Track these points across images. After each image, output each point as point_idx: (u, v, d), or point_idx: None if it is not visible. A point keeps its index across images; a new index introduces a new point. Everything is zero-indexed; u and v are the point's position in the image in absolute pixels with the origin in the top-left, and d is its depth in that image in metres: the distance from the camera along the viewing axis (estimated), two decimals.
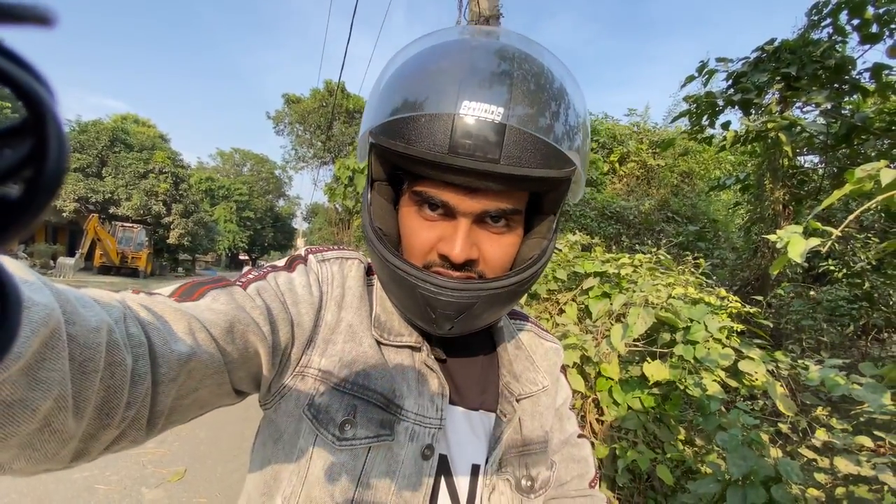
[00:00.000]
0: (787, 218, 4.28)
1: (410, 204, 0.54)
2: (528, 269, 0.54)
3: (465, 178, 0.47)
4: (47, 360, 0.29)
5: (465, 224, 0.50)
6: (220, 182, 42.02)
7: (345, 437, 0.52)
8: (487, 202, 0.50)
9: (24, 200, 0.14)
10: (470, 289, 0.51)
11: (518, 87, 0.46)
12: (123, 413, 0.37)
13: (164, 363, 0.39)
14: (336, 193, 7.31)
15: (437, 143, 0.45)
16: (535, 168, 0.46)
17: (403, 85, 0.50)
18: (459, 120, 0.45)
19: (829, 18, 3.59)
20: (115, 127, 24.73)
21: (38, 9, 0.13)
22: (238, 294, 0.50)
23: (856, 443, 1.54)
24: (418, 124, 0.46)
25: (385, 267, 0.54)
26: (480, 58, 0.49)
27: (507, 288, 0.53)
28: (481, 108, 0.44)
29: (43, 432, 0.31)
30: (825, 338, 3.92)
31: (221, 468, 3.13)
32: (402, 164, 0.51)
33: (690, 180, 9.70)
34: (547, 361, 0.72)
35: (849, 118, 3.41)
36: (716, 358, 1.69)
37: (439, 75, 0.48)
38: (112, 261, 21.12)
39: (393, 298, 0.59)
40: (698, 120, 4.25)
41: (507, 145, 0.45)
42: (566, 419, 0.75)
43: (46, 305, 0.29)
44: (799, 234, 1.03)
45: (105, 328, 0.34)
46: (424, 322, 0.55)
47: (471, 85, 0.45)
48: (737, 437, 1.36)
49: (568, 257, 2.50)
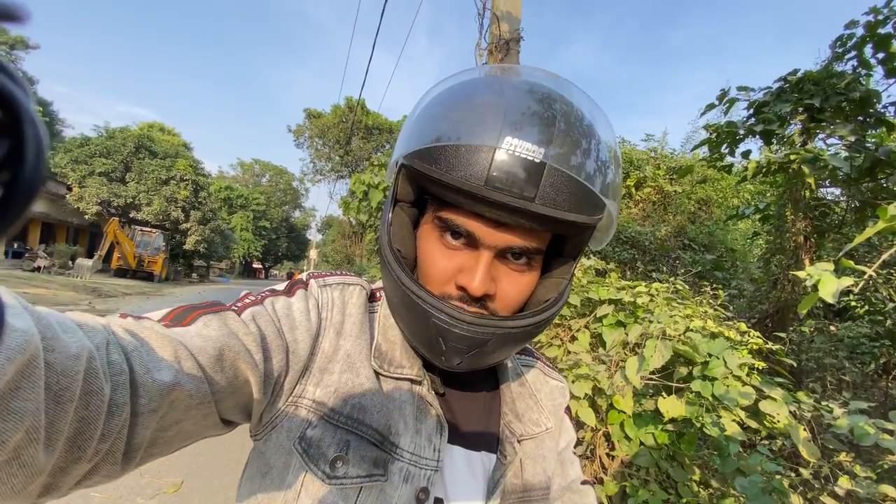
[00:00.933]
0: (808, 250, 4.17)
1: (433, 229, 0.53)
2: (544, 312, 0.53)
3: (498, 212, 0.46)
4: (22, 389, 0.27)
5: (488, 257, 0.49)
6: (239, 191, 42.87)
7: (335, 475, 0.49)
8: (513, 238, 0.49)
9: (2, 203, 0.14)
10: (486, 325, 0.49)
11: (560, 130, 0.46)
12: (97, 445, 0.34)
13: (144, 393, 0.37)
14: (351, 207, 7.36)
15: (474, 175, 0.45)
16: (568, 212, 0.46)
17: (445, 114, 0.50)
18: (500, 154, 0.44)
19: (854, 51, 3.55)
20: (141, 134, 25.51)
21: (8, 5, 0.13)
22: (231, 320, 0.48)
23: (880, 492, 1.45)
24: (458, 153, 0.46)
25: (399, 290, 0.51)
26: (523, 96, 0.49)
27: (524, 329, 0.51)
28: (523, 147, 0.44)
29: (11, 465, 0.29)
30: (847, 377, 3.77)
31: (218, 481, 3.08)
32: (434, 190, 0.50)
33: (708, 208, 9.58)
34: (552, 402, 0.69)
35: (873, 152, 3.33)
36: (735, 396, 1.61)
37: (483, 108, 0.47)
38: (129, 264, 21.54)
39: (402, 325, 0.56)
40: (718, 148, 4.21)
41: (545, 186, 0.45)
42: (569, 464, 0.71)
43: (25, 332, 0.28)
44: (830, 273, 0.98)
45: (85, 355, 0.32)
46: (432, 354, 0.52)
47: (515, 122, 0.45)
48: (758, 484, 1.29)
49: (582, 282, 2.45)
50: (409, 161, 0.50)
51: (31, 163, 0.14)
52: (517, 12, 3.44)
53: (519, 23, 3.44)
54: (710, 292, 2.60)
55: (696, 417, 1.70)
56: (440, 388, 0.59)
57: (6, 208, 0.14)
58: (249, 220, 41.97)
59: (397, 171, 0.54)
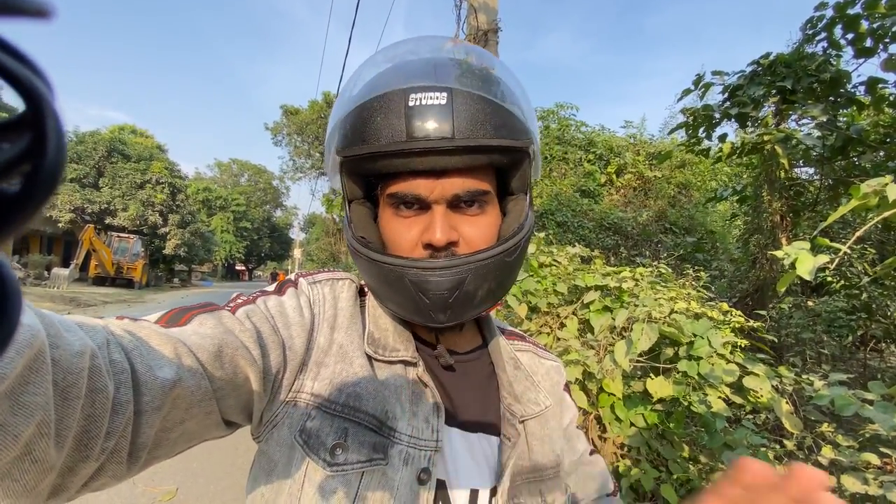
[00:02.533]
0: (784, 229, 4.28)
1: (387, 208, 0.55)
2: (511, 239, 0.55)
3: (427, 159, 0.49)
4: (31, 383, 0.28)
5: (441, 210, 0.52)
6: (218, 192, 41.99)
7: (336, 462, 0.50)
8: (455, 184, 0.51)
9: (23, 195, 0.14)
10: (457, 264, 0.51)
11: (459, 71, 0.52)
12: (103, 444, 0.35)
13: (147, 391, 0.38)
14: (334, 204, 7.31)
15: (395, 135, 0.49)
16: (488, 138, 0.50)
17: (355, 98, 0.53)
18: (409, 109, 0.48)
19: (824, 33, 3.62)
20: (112, 137, 24.76)
21: (36, 1, 0.13)
22: (226, 318, 0.48)
23: (862, 460, 1.51)
24: (374, 124, 0.50)
25: (373, 267, 0.54)
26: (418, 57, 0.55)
27: (495, 258, 0.53)
28: (427, 96, 0.49)
29: (24, 461, 0.29)
30: (825, 350, 3.90)
31: (214, 486, 3.05)
32: (370, 167, 0.53)
33: (687, 191, 9.75)
34: (549, 381, 0.71)
35: (844, 131, 3.43)
36: (720, 374, 1.66)
37: (382, 79, 0.52)
38: (107, 271, 20.97)
39: (387, 302, 0.57)
40: (695, 132, 4.27)
41: (457, 121, 0.49)
42: (575, 438, 0.73)
43: (31, 326, 0.28)
44: (807, 251, 1.01)
45: (88, 353, 0.33)
46: (420, 315, 0.53)
47: (414, 78, 0.50)
48: (744, 457, 1.33)
49: (568, 270, 2.48)
50: (340, 153, 0.53)
51: (52, 156, 0.14)
52: (494, 3, 3.43)
53: (496, 13, 3.43)
54: (693, 274, 2.66)
55: (683, 396, 1.74)
56: (449, 360, 0.60)
57: (26, 200, 0.14)
58: (230, 222, 41.25)
59: (339, 172, 0.56)
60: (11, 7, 0.13)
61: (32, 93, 0.14)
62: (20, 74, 0.14)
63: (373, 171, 0.53)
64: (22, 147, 0.14)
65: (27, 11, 0.13)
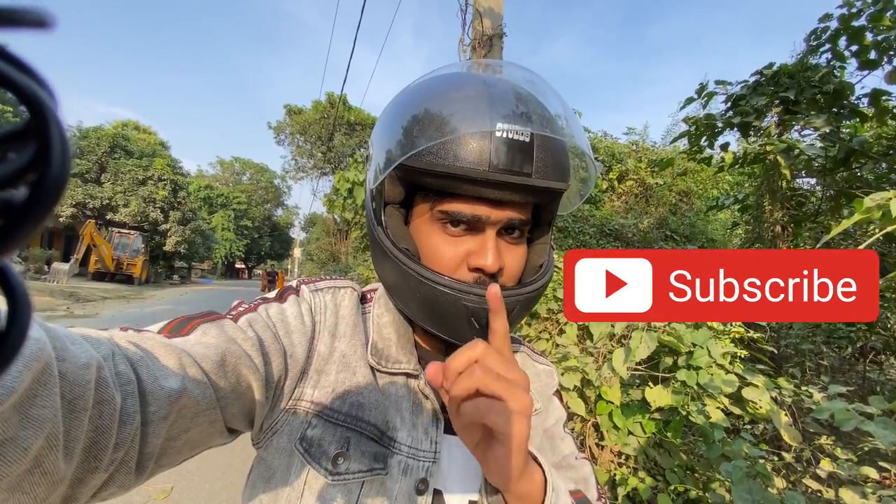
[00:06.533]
0: (785, 239, 4.28)
1: (432, 222, 0.55)
2: (545, 276, 0.58)
3: (501, 192, 0.51)
4: (39, 396, 0.28)
5: (493, 234, 0.53)
6: (219, 190, 42.06)
7: (338, 472, 0.50)
8: (512, 213, 0.53)
9: (29, 204, 0.14)
10: (511, 295, 0.53)
11: (540, 109, 0.53)
12: (112, 455, 0.35)
13: (153, 401, 0.38)
14: (335, 205, 7.29)
15: (479, 162, 0.49)
16: (556, 181, 0.52)
17: (434, 111, 0.52)
18: (497, 139, 0.49)
19: (828, 44, 3.63)
20: (115, 133, 24.79)
21: (36, 11, 0.13)
22: (229, 327, 0.49)
23: (861, 474, 1.50)
24: (457, 145, 0.49)
25: (422, 286, 0.52)
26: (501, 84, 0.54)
27: (537, 292, 0.57)
28: (513, 129, 0.49)
29: (33, 473, 0.29)
30: (825, 361, 3.89)
31: (209, 486, 3.04)
32: (434, 184, 0.52)
33: (688, 199, 9.76)
34: (539, 383, 0.71)
35: (847, 142, 3.43)
36: (719, 384, 1.65)
37: (468, 101, 0.51)
38: (107, 267, 20.96)
39: (423, 319, 0.56)
40: (697, 141, 4.28)
41: (537, 162, 0.50)
42: (559, 440, 0.71)
43: (38, 339, 0.28)
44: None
45: (94, 365, 0.33)
46: (456, 335, 0.54)
47: (501, 108, 0.50)
48: (742, 468, 1.32)
49: None
50: (410, 162, 0.51)
51: (56, 165, 0.14)
52: (499, 8, 3.44)
53: (501, 18, 3.44)
54: None
55: (681, 406, 1.74)
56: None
57: (33, 209, 0.14)
58: (231, 220, 41.25)
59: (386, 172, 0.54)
60: (12, 18, 0.13)
61: (36, 102, 0.14)
62: (23, 84, 0.14)
63: (433, 185, 0.53)
64: (27, 156, 0.14)
65: (28, 22, 0.13)
